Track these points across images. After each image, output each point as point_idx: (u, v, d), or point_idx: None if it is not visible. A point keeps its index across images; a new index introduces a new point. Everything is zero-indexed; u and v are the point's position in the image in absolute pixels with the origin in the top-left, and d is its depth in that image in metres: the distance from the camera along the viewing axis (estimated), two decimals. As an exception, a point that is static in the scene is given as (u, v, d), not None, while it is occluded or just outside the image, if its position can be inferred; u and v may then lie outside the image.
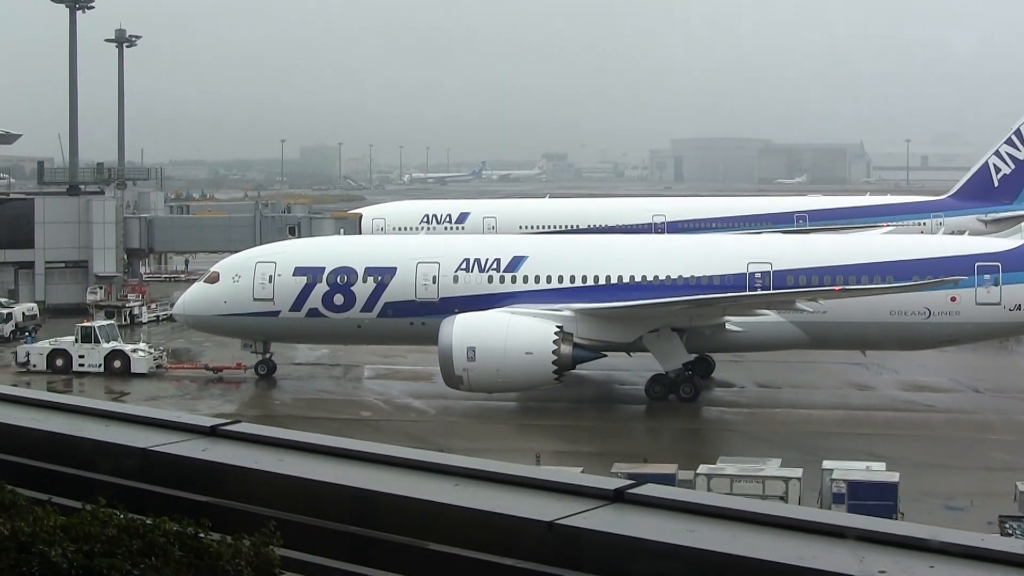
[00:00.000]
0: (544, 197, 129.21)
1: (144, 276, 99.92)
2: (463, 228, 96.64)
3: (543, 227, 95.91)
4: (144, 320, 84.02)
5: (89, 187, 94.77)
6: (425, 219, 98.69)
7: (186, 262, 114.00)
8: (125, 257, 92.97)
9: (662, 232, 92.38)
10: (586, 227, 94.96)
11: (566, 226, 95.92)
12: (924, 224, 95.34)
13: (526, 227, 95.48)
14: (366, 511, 9.40)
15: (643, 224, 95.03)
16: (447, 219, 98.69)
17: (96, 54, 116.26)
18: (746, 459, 40.04)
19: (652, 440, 51.91)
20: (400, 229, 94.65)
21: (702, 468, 38.00)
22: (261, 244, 73.13)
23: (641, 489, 9.28)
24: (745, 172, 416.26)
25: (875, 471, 38.24)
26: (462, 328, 53.34)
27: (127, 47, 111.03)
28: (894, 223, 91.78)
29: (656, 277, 57.20)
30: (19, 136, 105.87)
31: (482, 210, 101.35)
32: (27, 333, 72.97)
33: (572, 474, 9.48)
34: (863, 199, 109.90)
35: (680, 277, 57.09)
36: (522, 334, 53.37)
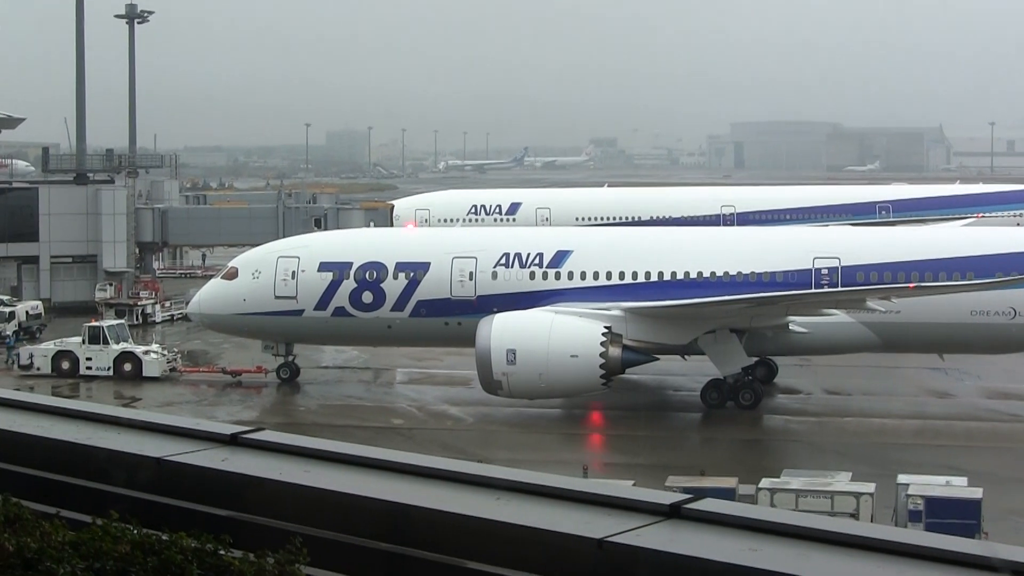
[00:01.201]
0: (602, 186, 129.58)
1: (157, 272, 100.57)
2: (514, 220, 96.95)
3: (601, 219, 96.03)
4: (157, 320, 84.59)
5: (98, 175, 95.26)
6: (473, 210, 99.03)
7: (203, 257, 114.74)
8: (137, 251, 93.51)
9: (731, 224, 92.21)
10: (648, 219, 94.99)
11: (626, 218, 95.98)
12: (1022, 216, 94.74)
13: (582, 219, 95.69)
14: (399, 526, 9.43)
15: (711, 216, 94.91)
16: (496, 210, 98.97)
17: (105, 31, 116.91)
18: (813, 472, 39.92)
19: (709, 451, 51.75)
20: (445, 220, 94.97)
21: (765, 482, 37.90)
22: (284, 237, 73.44)
23: (698, 504, 9.28)
24: (812, 158, 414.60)
25: (956, 486, 38.00)
26: (501, 329, 53.39)
27: (138, 23, 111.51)
28: (987, 214, 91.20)
29: (713, 273, 57.06)
30: (22, 120, 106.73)
31: (535, 200, 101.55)
32: (8, 337, 72.65)
33: (623, 487, 9.49)
34: (952, 188, 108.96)
35: (739, 273, 56.93)
36: (567, 335, 53.38)
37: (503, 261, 58.09)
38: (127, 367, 64.13)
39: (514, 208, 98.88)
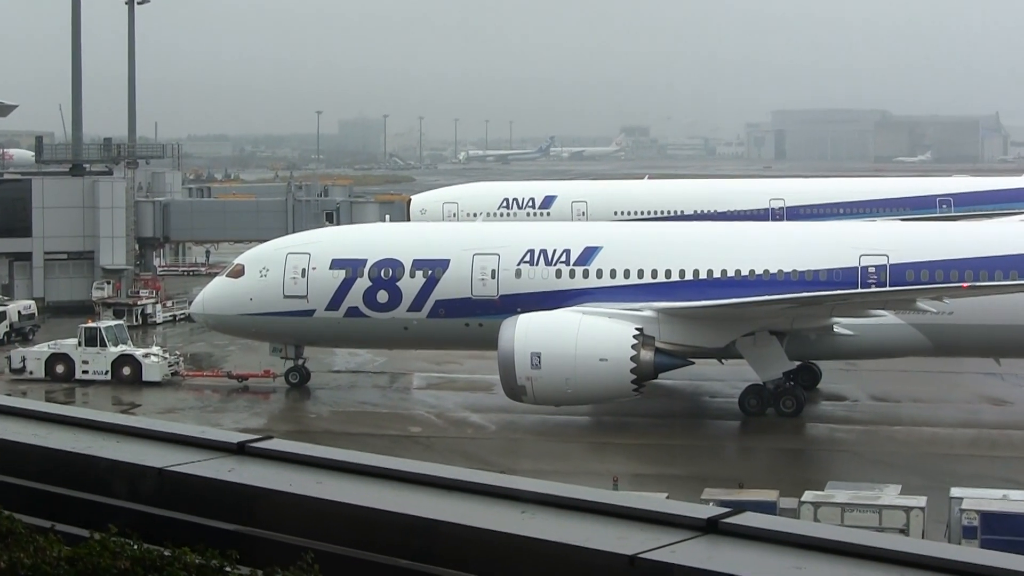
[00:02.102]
0: (642, 178, 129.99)
1: (158, 269, 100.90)
2: (548, 214, 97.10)
3: (641, 213, 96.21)
4: (158, 320, 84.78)
5: (95, 166, 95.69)
6: (504, 204, 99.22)
7: (207, 253, 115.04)
8: (137, 247, 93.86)
9: (780, 219, 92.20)
10: (691, 213, 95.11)
11: (668, 212, 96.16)
12: None
13: (621, 213, 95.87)
14: (418, 542, 9.44)
15: (759, 210, 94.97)
16: (530, 203, 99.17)
17: (103, 12, 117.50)
18: (860, 485, 39.82)
19: (748, 462, 51.73)
20: (474, 215, 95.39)
21: (808, 495, 37.84)
22: (293, 232, 73.63)
23: (737, 519, 9.27)
24: (859, 149, 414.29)
25: (1013, 500, 37.89)
26: (526, 330, 53.41)
27: (139, 4, 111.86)
28: None
29: (752, 271, 56.98)
30: (14, 107, 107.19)
31: (571, 193, 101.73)
32: None
33: (656, 500, 9.50)
34: (1018, 180, 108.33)
35: (780, 271, 56.83)
36: (596, 337, 53.37)
37: (527, 258, 58.10)
38: (126, 371, 64.24)
39: (548, 202, 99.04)
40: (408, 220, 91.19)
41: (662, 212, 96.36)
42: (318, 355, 66.66)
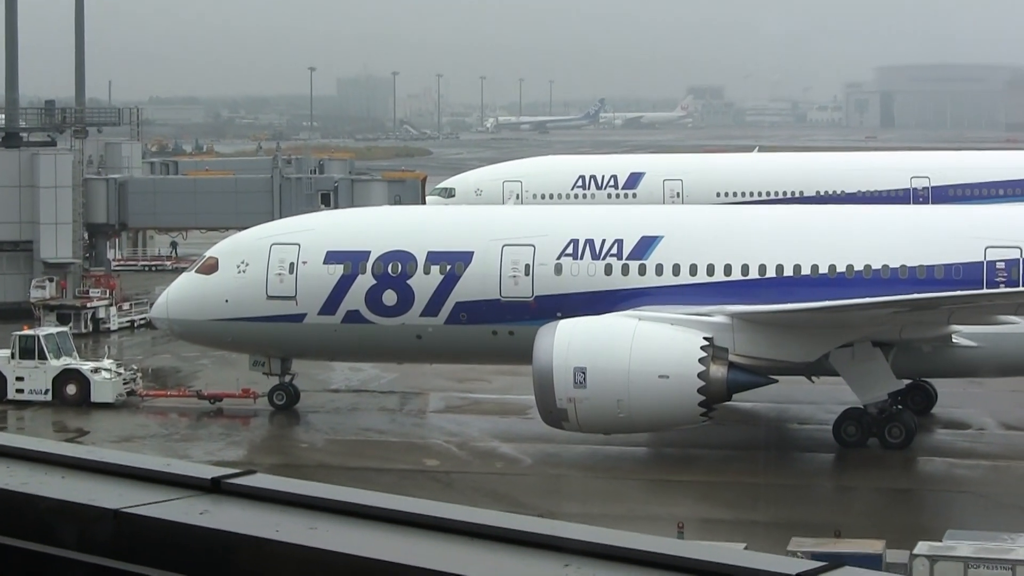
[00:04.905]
0: (752, 151, 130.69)
1: (113, 264, 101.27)
2: (634, 195, 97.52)
3: (749, 194, 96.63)
4: (113, 327, 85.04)
5: (34, 135, 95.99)
6: (580, 182, 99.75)
7: (173, 244, 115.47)
8: (86, 237, 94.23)
9: (924, 202, 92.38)
10: (813, 195, 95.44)
11: (784, 193, 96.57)
12: None
13: (725, 194, 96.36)
14: (435, 602, 9.48)
15: (899, 191, 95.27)
16: (611, 182, 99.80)
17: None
18: (987, 534, 39.78)
19: (846, 505, 51.73)
20: (542, 196, 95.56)
21: (922, 546, 37.82)
22: (280, 217, 73.80)
23: (834, 574, 9.27)
24: (986, 114, 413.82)
25: None
26: (568, 340, 53.43)
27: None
28: None
29: (850, 267, 56.92)
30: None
31: (662, 169, 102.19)
32: None
33: (732, 552, 9.50)
34: None
35: (885, 267, 56.76)
36: (654, 349, 53.37)
37: (570, 250, 58.13)
38: (71, 390, 64.37)
39: (634, 180, 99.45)
40: (424, 203, 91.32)
41: (777, 193, 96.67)
42: (310, 370, 66.88)
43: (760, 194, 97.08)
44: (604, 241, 58.13)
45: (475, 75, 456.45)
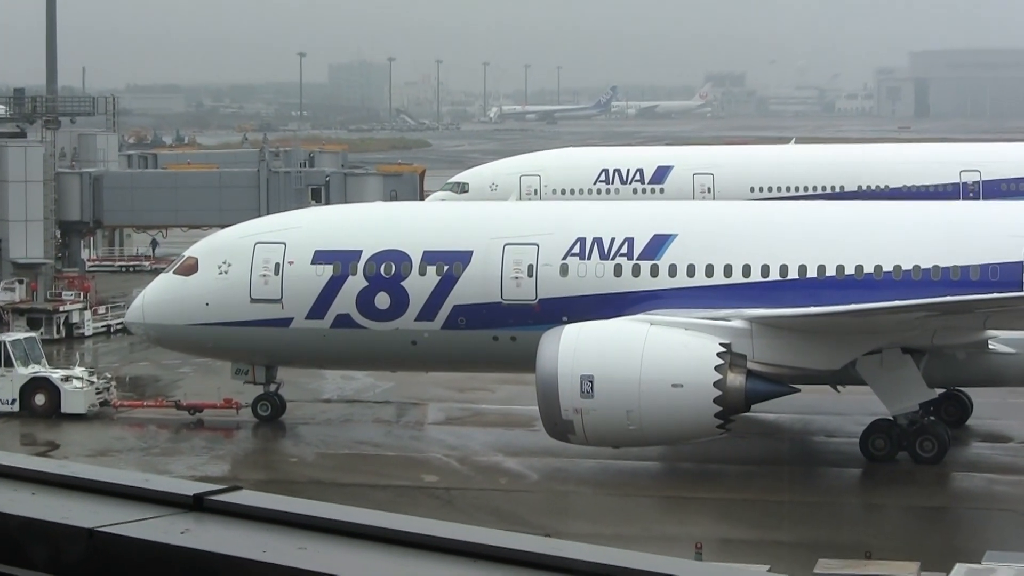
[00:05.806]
0: (788, 142, 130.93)
1: (88, 264, 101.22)
2: (662, 190, 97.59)
3: (785, 189, 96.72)
4: (87, 332, 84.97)
5: (2, 126, 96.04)
6: (603, 176, 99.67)
7: (152, 243, 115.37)
8: (58, 235, 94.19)
9: (974, 197, 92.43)
10: (855, 190, 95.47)
11: (823, 188, 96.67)
12: None
13: (759, 189, 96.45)
14: (433, 627, 9.50)
15: (947, 185, 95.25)
16: (637, 176, 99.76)
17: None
18: (1026, 555, 39.82)
19: (876, 524, 51.63)
20: (562, 192, 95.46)
21: (959, 569, 37.76)
22: (267, 214, 73.80)
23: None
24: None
25: None
26: (574, 346, 53.38)
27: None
28: None
29: (879, 268, 56.84)
30: None
31: (692, 162, 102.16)
32: None
33: (754, 575, 9.59)
34: None
35: (916, 268, 56.68)
36: (667, 356, 53.32)
37: (576, 249, 58.07)
38: (39, 400, 64.06)
39: (662, 174, 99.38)
40: (422, 199, 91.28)
41: (814, 188, 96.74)
42: (299, 379, 66.85)
43: (798, 189, 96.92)
44: (613, 240, 58.03)
45: (477, 61, 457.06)
